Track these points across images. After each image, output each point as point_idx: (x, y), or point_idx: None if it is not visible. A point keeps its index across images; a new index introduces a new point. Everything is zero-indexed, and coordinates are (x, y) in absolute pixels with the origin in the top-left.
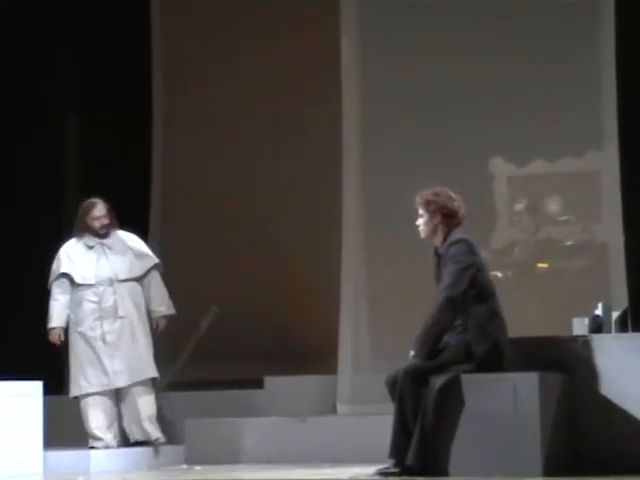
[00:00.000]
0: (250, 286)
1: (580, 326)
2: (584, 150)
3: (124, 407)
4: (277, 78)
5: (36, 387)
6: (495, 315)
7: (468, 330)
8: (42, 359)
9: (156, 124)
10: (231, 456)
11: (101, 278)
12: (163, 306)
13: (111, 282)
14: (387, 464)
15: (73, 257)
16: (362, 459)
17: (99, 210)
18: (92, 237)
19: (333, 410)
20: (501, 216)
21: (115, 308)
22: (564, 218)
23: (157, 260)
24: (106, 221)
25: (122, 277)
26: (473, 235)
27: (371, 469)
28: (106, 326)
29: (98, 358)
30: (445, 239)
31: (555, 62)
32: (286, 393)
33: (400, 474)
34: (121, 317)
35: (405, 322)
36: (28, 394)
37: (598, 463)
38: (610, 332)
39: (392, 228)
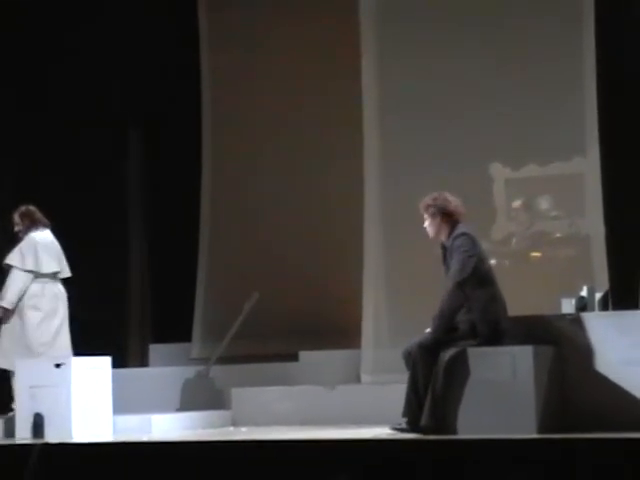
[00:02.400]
0: (286, 275)
1: (568, 306)
2: (570, 156)
3: None
4: (309, 96)
5: (105, 362)
6: (495, 299)
7: (472, 311)
8: (107, 338)
9: (205, 134)
10: (271, 419)
11: None
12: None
13: None
14: (401, 421)
15: None
16: (383, 421)
17: (14, 217)
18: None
19: (357, 379)
20: (500, 213)
21: None
22: (554, 214)
23: (6, 260)
24: (18, 227)
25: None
26: (476, 228)
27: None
28: None
29: None
30: (449, 235)
31: (545, 81)
32: (317, 365)
33: (411, 431)
34: None
35: (418, 303)
36: (98, 368)
37: (584, 422)
38: (594, 310)
39: (407, 222)
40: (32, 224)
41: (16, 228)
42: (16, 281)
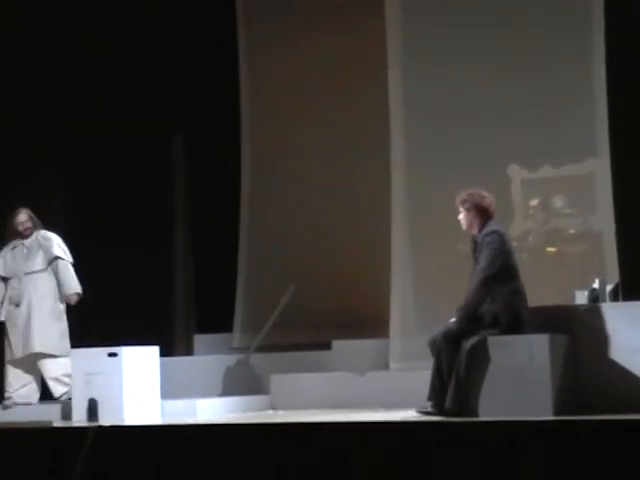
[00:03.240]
0: (320, 270)
1: (581, 297)
2: (582, 157)
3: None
4: (340, 101)
5: (153, 351)
6: (518, 292)
7: (495, 303)
8: (156, 329)
9: (244, 138)
10: (306, 403)
11: (16, 272)
12: (70, 289)
13: (17, 276)
14: (427, 405)
15: (4, 257)
16: (410, 404)
17: (22, 217)
18: (18, 239)
19: (386, 366)
20: (517, 211)
21: (19, 297)
22: (567, 212)
23: (53, 254)
24: (28, 224)
25: (27, 270)
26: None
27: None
28: (16, 312)
29: (9, 338)
30: (481, 229)
31: (558, 87)
32: (349, 353)
33: (436, 413)
34: (17, 306)
35: (442, 295)
36: (148, 356)
37: (597, 405)
38: (605, 301)
39: (431, 220)
40: (37, 224)
41: (21, 227)
42: (71, 271)
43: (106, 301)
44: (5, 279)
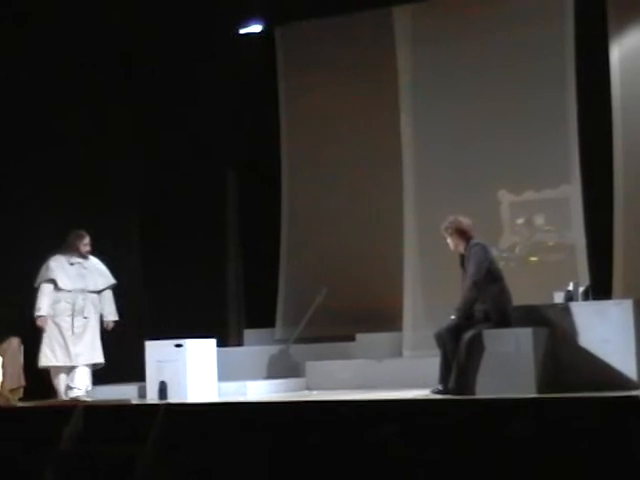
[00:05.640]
0: (347, 275)
1: (559, 297)
2: (559, 184)
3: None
4: (361, 137)
5: (212, 343)
6: (503, 292)
7: (486, 302)
8: (213, 325)
9: (283, 169)
10: (335, 384)
11: (76, 287)
12: (111, 315)
13: (83, 291)
14: (438, 386)
15: (58, 268)
16: (420, 386)
17: (88, 239)
18: (76, 257)
19: (400, 354)
20: (507, 228)
21: (82, 310)
22: (547, 228)
23: (113, 281)
24: (89, 248)
25: (90, 289)
26: (488, 240)
27: (426, 392)
28: (76, 322)
29: (66, 343)
30: (466, 247)
31: (539, 128)
32: (370, 344)
33: (445, 393)
34: (85, 317)
35: (446, 296)
36: (207, 347)
37: (571, 385)
38: (578, 301)
39: (438, 235)
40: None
41: (84, 249)
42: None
43: (175, 304)
44: (56, 286)
